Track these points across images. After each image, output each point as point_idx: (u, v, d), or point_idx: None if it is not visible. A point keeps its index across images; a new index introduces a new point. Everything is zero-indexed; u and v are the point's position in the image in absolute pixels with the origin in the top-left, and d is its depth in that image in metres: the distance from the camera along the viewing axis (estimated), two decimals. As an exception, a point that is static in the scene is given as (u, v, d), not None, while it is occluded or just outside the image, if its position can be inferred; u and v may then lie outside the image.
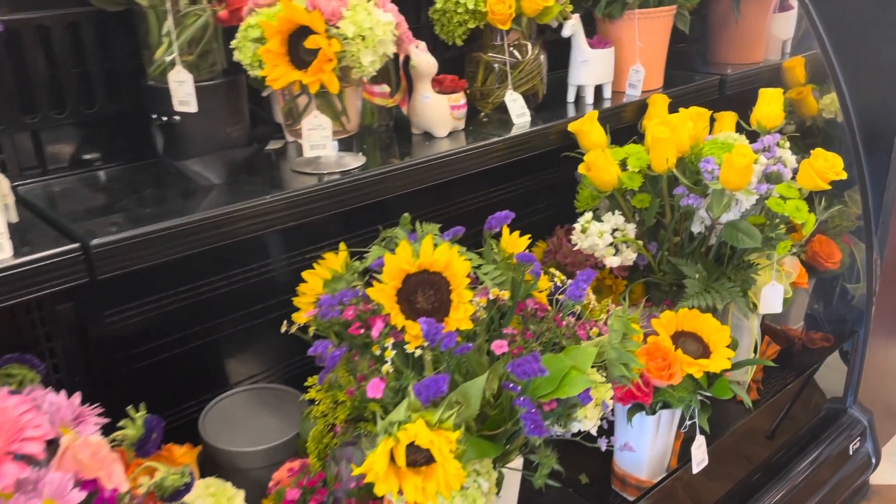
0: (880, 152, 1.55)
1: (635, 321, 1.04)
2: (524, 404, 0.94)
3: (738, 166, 1.20)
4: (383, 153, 1.28)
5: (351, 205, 1.16)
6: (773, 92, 1.41)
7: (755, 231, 1.27)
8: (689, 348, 1.27)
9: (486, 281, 1.08)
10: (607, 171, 1.31)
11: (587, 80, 1.51)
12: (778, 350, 1.75)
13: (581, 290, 1.04)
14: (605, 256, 1.32)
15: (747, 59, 1.84)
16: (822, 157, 1.26)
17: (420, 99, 1.29)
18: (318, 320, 1.05)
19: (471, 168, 1.29)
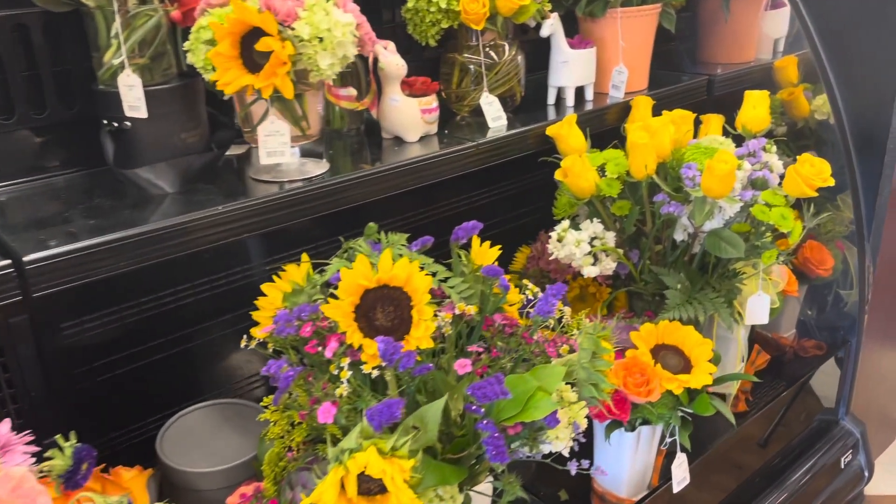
0: (873, 156, 1.49)
1: (607, 338, 0.99)
2: (487, 428, 0.89)
3: (720, 173, 1.15)
4: (351, 159, 1.23)
5: (314, 213, 1.11)
6: (759, 94, 1.36)
7: (738, 240, 1.22)
8: (670, 363, 1.22)
9: (452, 295, 1.02)
10: (584, 178, 1.25)
11: (567, 82, 1.45)
12: (768, 359, 1.69)
13: (550, 305, 0.99)
14: (582, 266, 1.27)
15: (738, 59, 1.79)
16: (808, 163, 1.21)
17: (388, 102, 1.24)
18: (274, 337, 1.00)
19: (443, 174, 1.23)
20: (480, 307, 1.06)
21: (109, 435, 1.35)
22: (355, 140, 1.32)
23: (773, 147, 1.33)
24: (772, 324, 1.81)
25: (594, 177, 1.26)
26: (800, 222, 1.23)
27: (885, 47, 1.42)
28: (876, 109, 1.46)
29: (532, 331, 1.01)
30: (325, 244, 1.44)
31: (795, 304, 1.81)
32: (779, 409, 1.69)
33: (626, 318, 1.35)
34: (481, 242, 1.09)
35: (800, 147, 1.83)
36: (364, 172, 1.13)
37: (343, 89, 1.21)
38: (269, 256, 1.42)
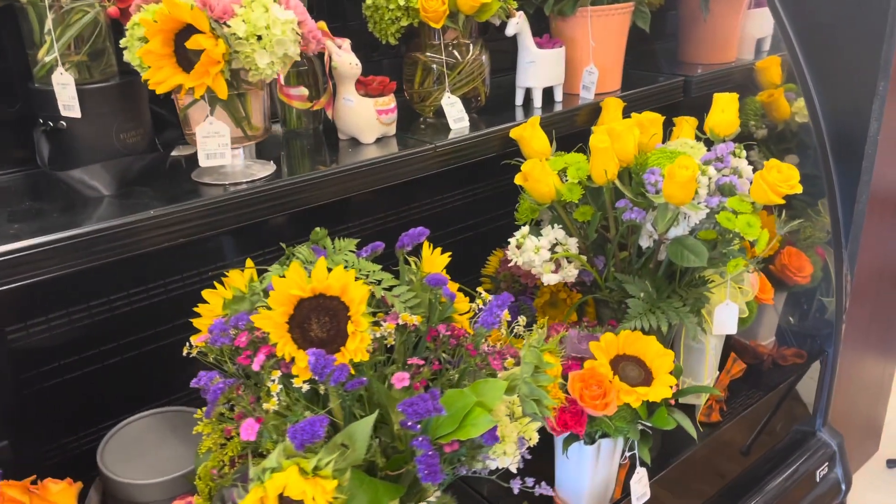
0: (850, 161, 1.45)
1: (552, 351, 0.95)
2: (421, 445, 0.85)
3: (681, 179, 1.11)
4: (301, 161, 1.20)
5: (259, 217, 1.07)
6: (728, 97, 1.31)
7: (702, 248, 1.18)
8: (630, 374, 1.18)
9: (395, 304, 0.99)
10: (544, 182, 1.21)
11: (535, 83, 1.41)
12: (744, 368, 1.65)
13: (495, 317, 0.95)
14: (542, 273, 1.23)
15: (719, 59, 1.74)
16: (775, 169, 1.16)
17: (342, 103, 1.20)
18: (209, 346, 0.96)
19: (399, 177, 1.19)
20: (428, 317, 1.02)
21: (60, 441, 1.32)
22: (312, 141, 1.28)
23: (743, 152, 1.29)
24: (750, 331, 1.78)
25: (555, 181, 1.22)
26: (766, 230, 1.19)
27: (863, 49, 1.38)
28: (854, 113, 1.42)
29: (477, 342, 0.97)
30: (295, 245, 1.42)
31: (774, 312, 1.76)
32: (755, 419, 1.65)
33: (589, 326, 1.31)
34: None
35: (781, 150, 1.78)
36: (311, 175, 1.09)
37: (294, 89, 1.17)
38: (217, 262, 1.38)
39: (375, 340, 0.96)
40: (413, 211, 1.63)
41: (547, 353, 0.94)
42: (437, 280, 0.96)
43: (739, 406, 1.63)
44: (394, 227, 1.60)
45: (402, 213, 1.62)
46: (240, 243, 1.41)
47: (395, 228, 1.62)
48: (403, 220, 1.62)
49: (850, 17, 1.38)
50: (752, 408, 1.59)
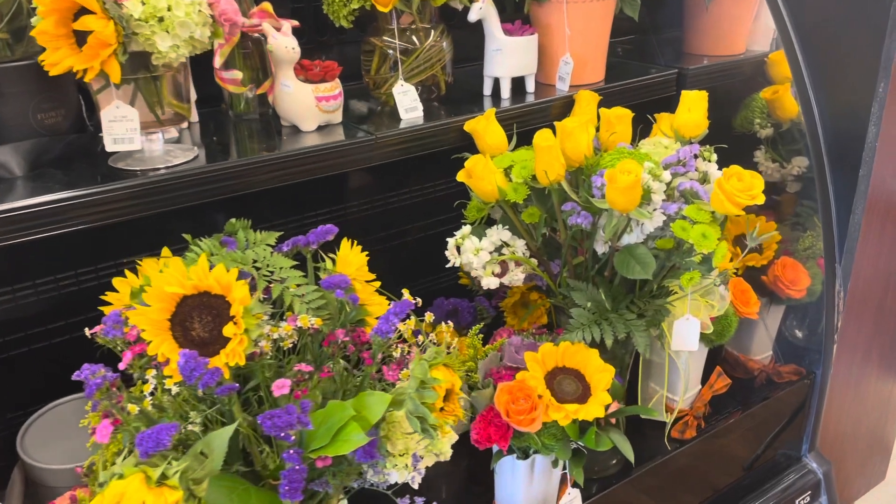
0: (847, 168, 1.32)
1: (452, 363, 0.89)
2: (290, 459, 0.81)
3: (622, 185, 1.02)
4: (236, 147, 1.15)
5: (177, 204, 1.04)
6: (695, 95, 1.21)
7: (650, 259, 1.09)
8: (566, 389, 1.11)
9: (294, 305, 0.94)
10: (487, 181, 1.14)
11: (502, 72, 1.33)
12: (728, 384, 1.54)
13: (390, 325, 0.89)
14: (482, 276, 1.16)
15: (725, 51, 1.62)
16: (735, 177, 1.06)
17: (280, 88, 1.15)
18: (103, 337, 0.94)
19: (334, 169, 1.14)
20: (342, 320, 0.98)
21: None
22: (259, 126, 1.23)
23: (713, 155, 1.19)
24: (741, 345, 1.67)
25: (499, 180, 1.14)
26: (724, 243, 1.09)
27: (865, 48, 1.25)
28: (852, 116, 1.29)
29: (373, 352, 0.91)
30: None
31: (767, 326, 1.65)
32: (735, 439, 1.55)
33: (537, 333, 1.24)
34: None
35: (789, 152, 1.65)
36: (233, 163, 1.05)
37: (227, 72, 1.13)
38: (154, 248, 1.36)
39: (273, 342, 0.92)
40: (382, 203, 1.57)
41: (442, 366, 0.88)
42: (335, 282, 0.90)
43: (719, 424, 1.53)
44: (356, 219, 1.55)
45: (366, 205, 1.56)
46: (198, 226, 1.38)
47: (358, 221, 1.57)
48: (365, 212, 1.57)
49: (851, 12, 1.25)
50: (726, 426, 1.49)
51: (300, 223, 1.47)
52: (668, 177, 1.09)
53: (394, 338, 0.98)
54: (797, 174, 1.63)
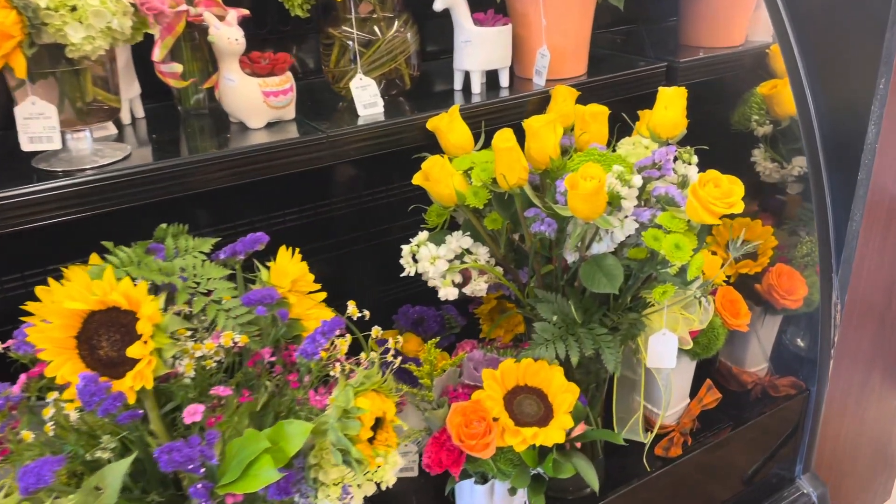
0: (845, 170, 1.22)
1: (384, 389, 0.81)
2: (196, 494, 0.73)
3: (584, 191, 0.93)
4: (175, 146, 1.08)
5: (106, 207, 0.96)
6: (673, 92, 1.11)
7: (618, 271, 1.00)
8: (526, 410, 1.02)
9: (220, 321, 0.86)
10: (445, 184, 1.05)
11: (472, 65, 1.24)
12: (718, 399, 1.45)
13: (316, 346, 0.81)
14: (440, 287, 1.08)
15: (723, 42, 1.52)
16: (711, 183, 0.96)
17: (224, 82, 1.07)
18: (15, 353, 0.87)
19: (279, 170, 1.06)
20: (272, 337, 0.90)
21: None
22: (208, 123, 1.16)
23: (693, 157, 1.09)
24: (734, 356, 1.57)
25: (457, 183, 1.06)
26: (700, 255, 0.99)
27: (865, 41, 1.14)
28: (851, 114, 1.18)
29: (300, 374, 0.83)
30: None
31: (766, 336, 1.55)
32: (722, 457, 1.45)
33: (501, 347, 1.15)
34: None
35: (789, 151, 1.55)
36: (168, 162, 0.97)
37: (166, 65, 1.05)
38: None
39: (197, 361, 0.85)
40: (353, 203, 1.49)
41: (372, 392, 0.80)
42: (254, 298, 0.82)
43: (706, 441, 1.44)
44: (328, 218, 1.47)
45: (340, 203, 1.48)
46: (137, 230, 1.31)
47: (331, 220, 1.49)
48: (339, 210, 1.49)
49: (851, 1, 1.14)
50: (715, 443, 1.40)
51: (267, 222, 1.40)
52: (639, 181, 0.99)
53: (335, 355, 0.90)
54: (798, 175, 1.52)
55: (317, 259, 1.48)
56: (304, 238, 1.45)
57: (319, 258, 1.49)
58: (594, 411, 1.28)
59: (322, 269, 1.23)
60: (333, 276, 1.33)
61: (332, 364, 0.89)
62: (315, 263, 1.48)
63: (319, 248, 1.47)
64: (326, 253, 1.48)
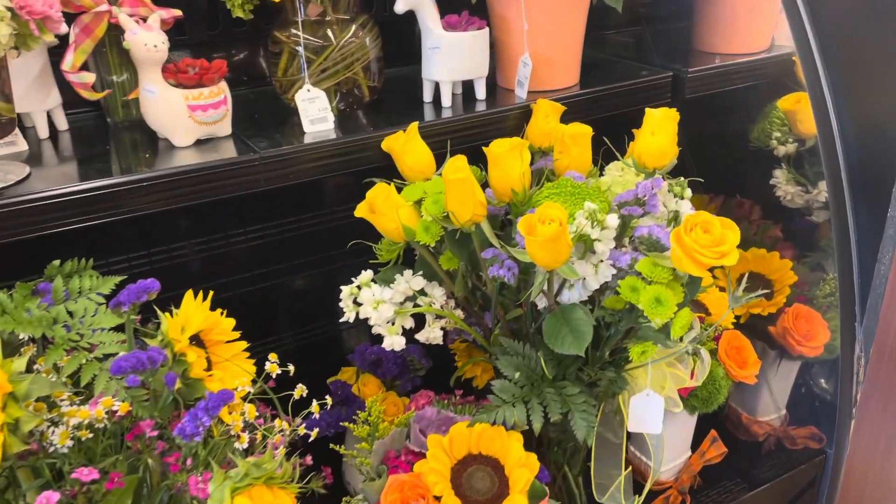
0: (874, 202, 1.03)
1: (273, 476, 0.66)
2: None
3: (542, 237, 0.77)
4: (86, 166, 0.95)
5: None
6: (662, 114, 0.94)
7: (587, 328, 0.84)
8: (477, 486, 0.87)
9: (98, 383, 0.73)
10: (390, 217, 0.90)
11: (441, 75, 1.09)
12: (724, 453, 1.28)
13: (197, 425, 0.67)
14: (387, 335, 0.93)
15: (743, 48, 1.34)
16: (700, 227, 0.79)
17: (143, 93, 0.94)
18: None
19: (214, 194, 0.92)
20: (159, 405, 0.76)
21: None
22: (139, 138, 1.02)
23: (687, 190, 0.93)
24: (745, 403, 1.40)
25: (405, 216, 0.91)
26: (685, 313, 0.83)
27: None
28: (882, 137, 1.00)
29: (183, 456, 0.70)
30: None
31: (782, 382, 1.37)
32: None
33: (459, 403, 1.00)
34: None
35: (816, 174, 1.36)
36: (59, 190, 0.84)
37: (75, 74, 0.92)
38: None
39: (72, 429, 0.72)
40: (295, 224, 1.35)
41: (260, 486, 0.65)
42: (123, 366, 0.68)
43: (708, 502, 1.27)
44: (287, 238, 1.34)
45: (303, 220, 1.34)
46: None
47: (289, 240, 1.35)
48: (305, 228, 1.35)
49: (883, 3, 0.96)
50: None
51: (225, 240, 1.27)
52: (614, 222, 0.83)
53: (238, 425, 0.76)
54: (825, 201, 1.34)
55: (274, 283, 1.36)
56: (256, 260, 1.33)
57: (277, 281, 1.36)
58: (573, 472, 1.12)
59: (282, 293, 1.09)
60: (296, 298, 1.18)
61: (234, 437, 0.75)
62: (273, 288, 1.35)
63: (277, 272, 1.34)
64: (287, 275, 1.34)
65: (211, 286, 1.25)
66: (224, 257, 1.29)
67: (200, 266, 1.28)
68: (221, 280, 1.29)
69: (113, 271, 0.93)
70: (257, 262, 1.33)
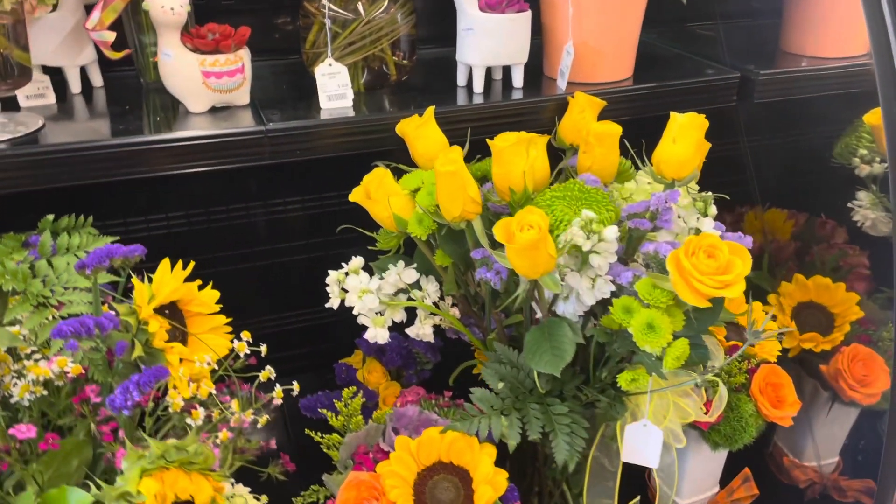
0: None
1: (201, 464, 0.64)
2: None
3: (520, 244, 0.71)
4: (105, 123, 0.96)
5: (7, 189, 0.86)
6: (687, 120, 0.84)
7: (569, 346, 0.77)
8: (440, 497, 0.83)
9: (55, 343, 0.73)
10: (383, 205, 0.86)
11: (474, 58, 1.03)
12: (755, 495, 1.17)
13: (126, 398, 0.66)
14: (372, 325, 0.89)
15: (835, 52, 1.20)
16: (703, 251, 0.70)
17: (161, 57, 0.93)
18: None
19: (205, 165, 0.91)
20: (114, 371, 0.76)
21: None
22: (167, 100, 1.03)
23: (712, 207, 0.83)
24: (792, 444, 1.27)
25: (397, 206, 0.86)
26: (681, 342, 0.74)
27: None
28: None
29: (122, 423, 0.69)
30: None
31: (837, 427, 1.24)
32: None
33: (444, 406, 0.95)
34: None
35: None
36: (58, 146, 0.85)
37: (96, 33, 0.92)
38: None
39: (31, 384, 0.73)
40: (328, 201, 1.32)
41: (175, 470, 0.63)
42: (64, 330, 0.68)
43: (731, 547, 1.17)
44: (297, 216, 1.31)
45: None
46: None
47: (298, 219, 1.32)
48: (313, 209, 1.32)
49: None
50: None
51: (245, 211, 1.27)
52: (613, 234, 0.75)
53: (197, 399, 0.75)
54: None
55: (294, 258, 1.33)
56: (277, 235, 1.31)
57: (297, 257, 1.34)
58: (574, 490, 1.05)
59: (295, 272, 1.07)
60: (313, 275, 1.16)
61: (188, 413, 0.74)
62: (294, 264, 1.32)
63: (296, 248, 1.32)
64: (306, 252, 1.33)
65: (231, 255, 1.26)
66: (245, 228, 1.28)
67: (218, 235, 1.27)
68: (244, 250, 1.29)
69: (132, 238, 0.94)
70: (277, 237, 1.31)
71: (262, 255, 1.30)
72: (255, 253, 1.28)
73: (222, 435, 0.72)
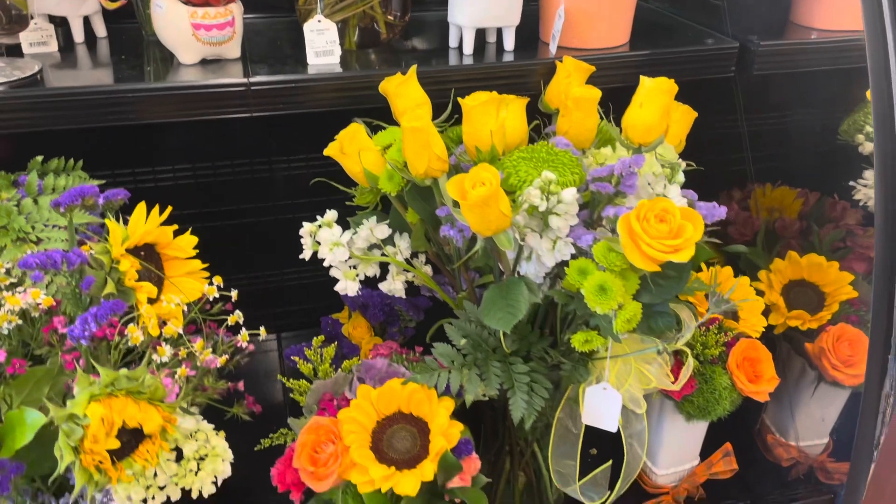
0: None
1: (151, 394, 0.67)
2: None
3: (472, 200, 0.72)
4: (101, 71, 0.99)
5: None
6: (655, 85, 0.83)
7: (521, 305, 0.78)
8: (398, 445, 0.85)
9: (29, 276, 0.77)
10: (354, 160, 0.88)
11: (463, 19, 1.04)
12: (733, 470, 1.17)
13: (84, 329, 0.69)
14: (343, 278, 0.92)
15: (849, 24, 1.17)
16: (655, 215, 0.70)
17: (153, 7, 0.96)
18: None
19: (189, 115, 0.94)
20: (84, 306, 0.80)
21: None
22: (163, 51, 1.06)
23: (679, 174, 0.83)
24: (779, 422, 1.26)
25: (368, 161, 0.88)
26: (633, 306, 0.75)
27: None
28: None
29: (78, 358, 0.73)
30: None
31: (827, 407, 1.22)
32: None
33: (414, 360, 0.98)
34: None
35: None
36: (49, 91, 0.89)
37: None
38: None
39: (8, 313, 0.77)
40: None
41: (125, 396, 0.67)
42: (30, 262, 0.71)
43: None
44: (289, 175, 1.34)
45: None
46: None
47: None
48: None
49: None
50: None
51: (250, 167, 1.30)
52: (571, 195, 0.76)
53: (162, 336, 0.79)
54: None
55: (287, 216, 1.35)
56: (271, 192, 1.34)
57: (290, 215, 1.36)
58: (545, 451, 1.07)
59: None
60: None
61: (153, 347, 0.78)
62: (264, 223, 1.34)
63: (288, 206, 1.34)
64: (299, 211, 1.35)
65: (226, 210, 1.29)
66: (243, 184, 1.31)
67: (211, 189, 1.30)
68: (243, 206, 1.32)
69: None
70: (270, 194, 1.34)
71: (255, 212, 1.33)
72: (243, 210, 1.32)
73: (181, 370, 0.75)
